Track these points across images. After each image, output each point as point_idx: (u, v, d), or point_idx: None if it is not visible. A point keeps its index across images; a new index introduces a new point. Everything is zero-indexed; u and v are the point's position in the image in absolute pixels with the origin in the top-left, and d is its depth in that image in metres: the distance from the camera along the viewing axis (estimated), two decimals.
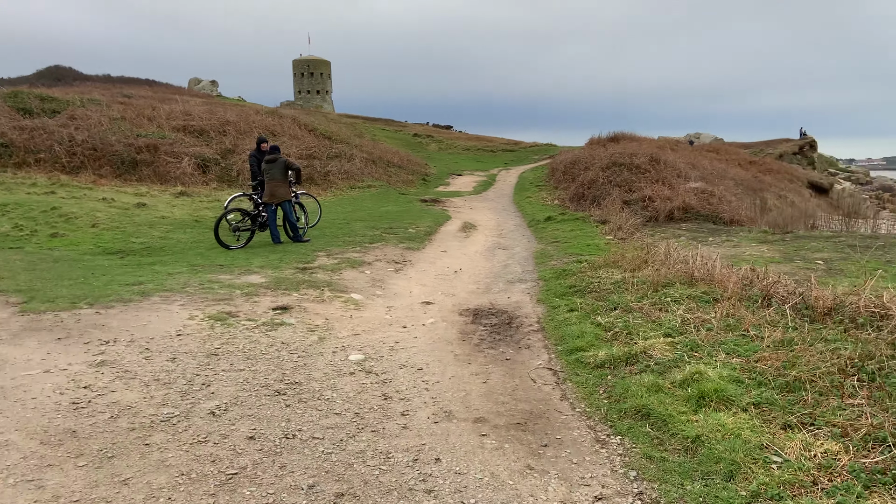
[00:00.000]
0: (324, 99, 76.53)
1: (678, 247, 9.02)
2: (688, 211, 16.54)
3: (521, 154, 47.10)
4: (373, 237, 12.69)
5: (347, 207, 18.74)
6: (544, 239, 13.21)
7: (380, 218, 15.95)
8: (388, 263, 10.45)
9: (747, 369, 4.67)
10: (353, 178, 24.89)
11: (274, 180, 12.18)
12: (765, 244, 11.30)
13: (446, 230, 14.59)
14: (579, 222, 14.65)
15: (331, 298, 8.00)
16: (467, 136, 58.17)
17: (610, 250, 10.11)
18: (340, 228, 13.87)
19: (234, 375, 5.31)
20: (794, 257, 9.85)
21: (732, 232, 13.50)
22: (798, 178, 40.50)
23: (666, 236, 12.72)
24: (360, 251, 11.22)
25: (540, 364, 5.72)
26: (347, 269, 9.72)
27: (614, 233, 12.65)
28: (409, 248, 11.93)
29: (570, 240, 12.45)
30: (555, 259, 10.65)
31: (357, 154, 28.04)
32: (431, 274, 10.01)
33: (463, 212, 18.76)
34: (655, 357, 5.16)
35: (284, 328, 6.62)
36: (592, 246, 11.45)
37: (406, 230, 13.88)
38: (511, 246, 12.75)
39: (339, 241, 12.14)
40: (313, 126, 30.78)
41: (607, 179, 19.05)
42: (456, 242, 13.13)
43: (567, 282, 8.55)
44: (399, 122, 66.27)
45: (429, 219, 16.02)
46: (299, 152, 25.73)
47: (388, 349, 6.17)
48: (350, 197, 22.00)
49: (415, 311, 7.75)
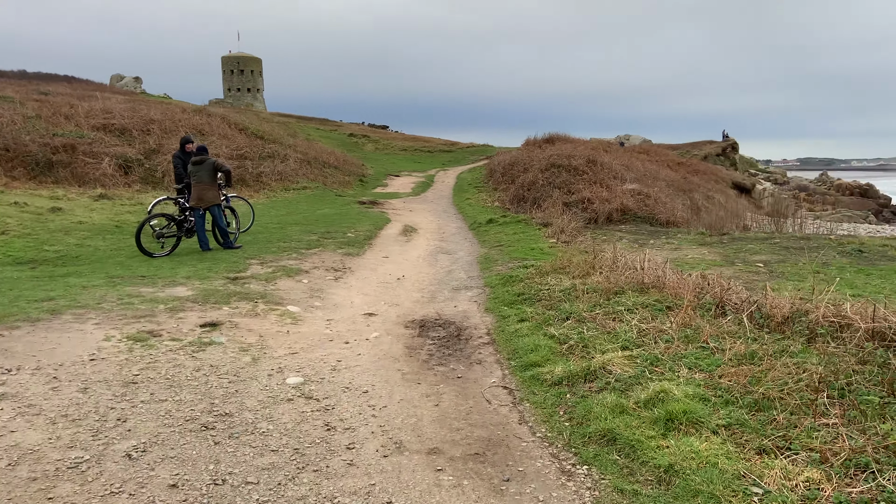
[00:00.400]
0: (255, 97, 74.43)
1: (624, 251, 8.86)
2: (626, 213, 16.62)
3: (458, 155, 46.95)
4: (309, 242, 12.08)
5: (282, 210, 17.98)
6: (487, 242, 12.92)
7: (316, 221, 15.31)
8: (326, 271, 9.90)
9: (712, 386, 4.44)
10: (287, 180, 24.03)
11: (202, 183, 11.41)
12: (704, 246, 11.34)
13: (387, 234, 14.10)
14: (521, 225, 14.44)
15: (265, 312, 7.42)
16: (404, 137, 57.64)
17: (556, 255, 9.88)
18: (275, 233, 13.18)
19: (155, 408, 4.71)
20: (735, 260, 9.87)
21: (670, 234, 13.57)
22: (723, 178, 41.91)
23: (608, 239, 12.64)
24: (296, 258, 10.61)
25: (494, 382, 5.35)
26: (283, 279, 9.12)
27: (557, 236, 12.48)
28: (348, 253, 11.39)
29: (513, 243, 12.19)
30: (500, 264, 10.35)
31: (291, 154, 27.13)
32: (373, 282, 9.52)
33: (403, 214, 18.30)
34: (615, 373, 4.88)
35: (213, 348, 6.01)
36: (536, 250, 11.22)
37: (345, 234, 13.33)
38: (454, 250, 12.39)
39: (274, 248, 11.48)
40: (244, 125, 29.62)
41: (547, 181, 18.98)
42: (397, 247, 12.67)
43: (514, 289, 8.24)
44: (334, 121, 65.10)
45: (368, 222, 15.49)
46: (229, 152, 24.66)
47: (330, 369, 5.67)
48: (284, 199, 21.17)
49: (357, 324, 7.26)
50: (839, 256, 9.70)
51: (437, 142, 54.71)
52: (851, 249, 9.98)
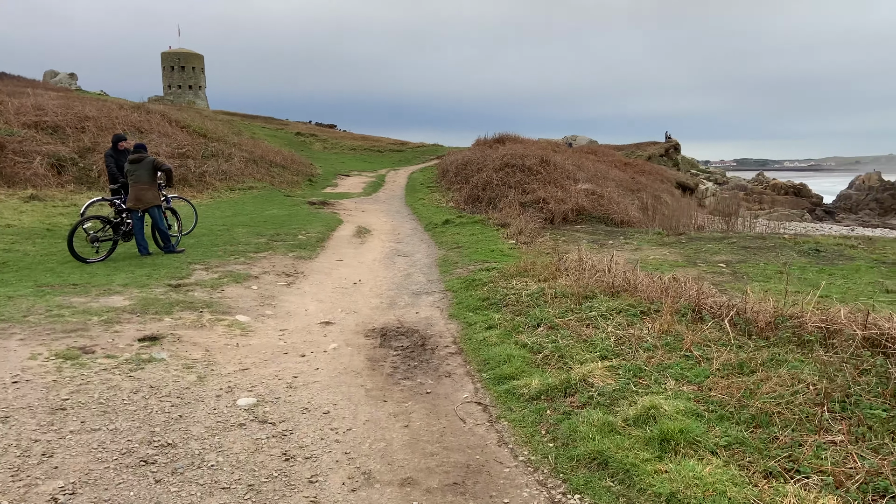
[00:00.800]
0: (197, 94, 72.12)
1: (589, 252, 8.58)
2: (581, 213, 16.49)
3: (408, 154, 46.42)
4: (258, 245, 11.42)
5: (227, 211, 17.15)
6: (445, 244, 12.51)
7: (265, 223, 14.60)
8: (277, 276, 9.30)
9: (703, 399, 4.14)
10: (232, 179, 23.07)
11: (140, 183, 10.61)
12: (664, 247, 11.22)
13: (340, 236, 13.53)
14: (478, 226, 14.09)
15: (212, 323, 6.81)
16: (353, 136, 56.71)
17: (520, 257, 9.54)
18: (220, 236, 12.45)
19: (87, 439, 4.11)
20: (696, 260, 9.75)
21: (628, 234, 13.45)
22: (668, 178, 42.71)
23: (567, 239, 12.41)
24: (244, 262, 9.96)
25: (466, 398, 4.94)
26: (231, 285, 8.49)
27: (516, 237, 12.17)
28: (300, 257, 10.79)
29: (472, 245, 11.82)
30: (460, 267, 9.95)
31: (236, 153, 26.12)
32: (328, 287, 8.98)
33: (355, 215, 17.72)
34: (597, 386, 4.53)
35: (153, 366, 5.40)
36: (496, 251, 10.87)
37: (295, 237, 12.70)
38: (411, 252, 11.93)
39: (220, 251, 10.78)
40: (186, 123, 28.39)
41: (501, 181, 18.71)
42: (351, 249, 12.12)
43: (478, 293, 7.85)
44: (280, 119, 63.60)
45: (319, 223, 14.87)
46: (170, 151, 23.53)
47: (286, 387, 5.15)
48: (230, 200, 20.28)
49: (313, 334, 6.73)
50: (797, 256, 9.69)
51: (386, 141, 54.02)
52: (808, 249, 10.00)
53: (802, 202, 59.26)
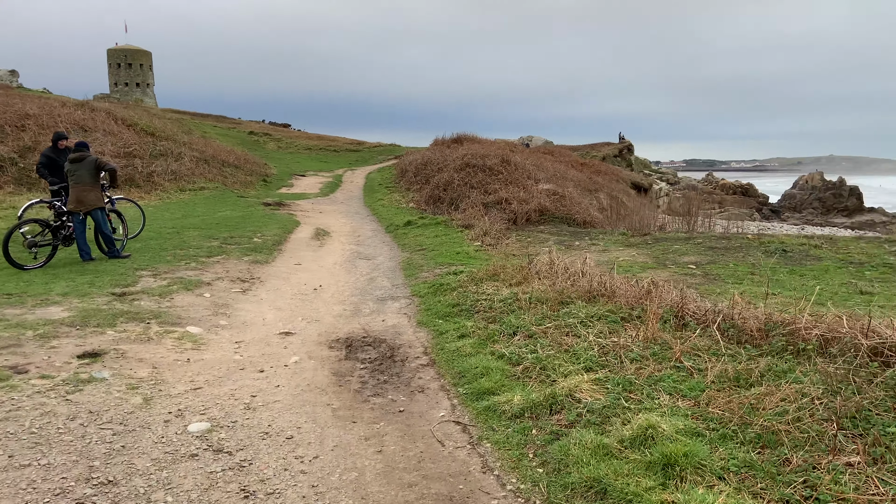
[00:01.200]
0: (144, 92, 69.81)
1: (559, 255, 8.28)
2: (543, 213, 16.27)
3: (365, 154, 45.71)
4: (210, 249, 10.78)
5: (177, 213, 16.34)
6: (408, 246, 12.07)
7: (217, 225, 13.90)
8: (232, 282, 8.72)
9: (702, 416, 3.83)
10: (182, 180, 22.12)
11: (81, 184, 9.86)
12: (631, 248, 11.03)
13: (297, 238, 12.95)
14: (442, 227, 13.69)
15: (160, 335, 6.23)
16: (308, 136, 55.60)
17: (488, 260, 9.18)
18: (169, 239, 11.73)
19: (15, 477, 3.55)
20: (666, 262, 9.57)
21: (592, 234, 13.25)
22: (623, 178, 43.15)
23: (533, 241, 12.13)
24: (195, 268, 9.33)
25: (443, 416, 4.53)
26: (181, 293, 7.89)
27: (481, 238, 11.82)
28: (256, 261, 10.20)
29: (436, 247, 11.41)
30: (425, 270, 9.53)
31: (186, 152, 25.10)
32: (287, 294, 8.45)
33: (312, 216, 17.11)
34: (585, 402, 4.18)
35: (94, 387, 4.83)
36: (462, 254, 10.50)
37: (250, 240, 12.07)
38: (373, 255, 11.46)
39: (169, 256, 10.11)
40: (133, 121, 27.18)
41: (463, 181, 18.36)
42: (310, 252, 11.58)
43: (448, 299, 7.45)
44: (232, 118, 61.98)
45: (275, 225, 14.24)
46: (116, 150, 22.45)
47: (244, 408, 4.65)
48: (180, 201, 19.39)
49: (272, 347, 6.22)
50: (765, 256, 9.60)
51: (343, 141, 53.13)
52: (775, 249, 9.94)
53: (750, 201, 60.81)
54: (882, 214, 64.63)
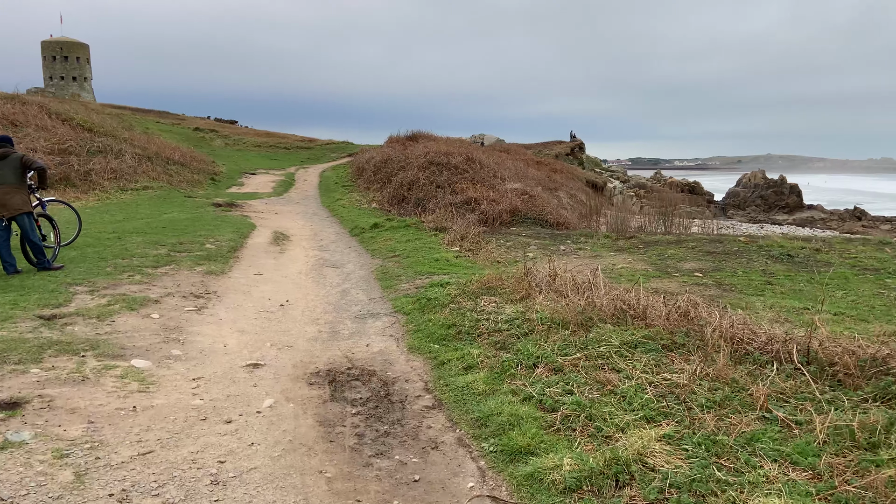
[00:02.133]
0: (82, 87, 66.22)
1: (559, 263, 7.37)
2: (515, 214, 15.40)
3: (317, 152, 44.09)
4: (158, 258, 9.45)
5: (118, 216, 14.79)
6: (378, 252, 10.97)
7: (164, 229, 12.49)
8: (184, 299, 7.48)
9: (834, 499, 2.90)
10: (123, 178, 20.38)
11: (5, 185, 8.42)
12: (623, 253, 10.22)
13: (255, 243, 11.69)
14: (412, 230, 12.63)
15: (98, 373, 5.01)
16: (257, 132, 53.41)
17: (473, 269, 8.17)
18: (110, 247, 10.32)
19: None
20: (667, 269, 8.79)
21: (574, 237, 12.43)
22: (578, 177, 42.89)
23: (512, 245, 11.21)
24: (140, 281, 8.03)
25: (473, 488, 3.49)
26: (124, 314, 6.63)
27: (458, 243, 10.83)
28: (210, 272, 8.95)
29: (411, 253, 10.36)
30: (404, 280, 8.49)
31: (128, 149, 23.25)
32: (250, 311, 7.27)
33: (268, 218, 15.79)
34: (662, 470, 3.24)
35: (8, 458, 3.62)
36: (442, 261, 9.48)
37: (202, 246, 10.76)
38: (341, 262, 10.33)
39: (109, 267, 8.76)
40: (69, 115, 25.08)
41: (428, 180, 17.32)
42: (271, 260, 10.36)
43: (440, 318, 6.43)
44: (176, 114, 59.16)
45: (229, 229, 12.91)
46: (50, 147, 20.53)
47: (210, 482, 3.53)
48: (121, 202, 17.74)
49: (239, 384, 5.08)
50: (770, 262, 8.93)
51: (293, 138, 51.23)
52: (779, 254, 9.28)
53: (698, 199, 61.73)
54: (821, 211, 66.72)
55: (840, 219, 61.01)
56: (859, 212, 61.52)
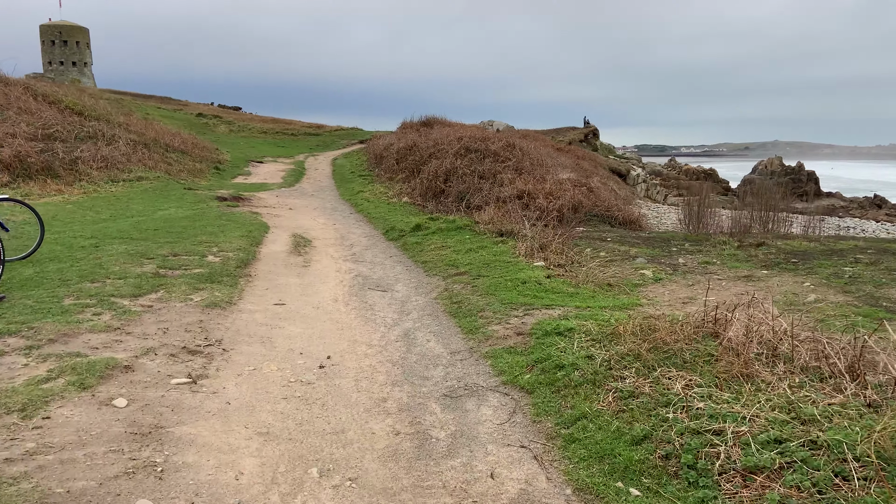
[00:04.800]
0: (82, 72, 63.07)
1: (698, 285, 4.60)
2: (577, 210, 12.63)
3: (326, 138, 41.15)
4: (141, 281, 6.69)
5: (104, 213, 12.02)
6: (433, 266, 8.19)
7: (156, 233, 9.73)
8: (171, 359, 4.73)
9: None
10: (115, 168, 17.56)
11: None
12: (782, 272, 7.37)
13: (270, 253, 8.92)
14: (467, 234, 9.85)
15: None
16: (262, 119, 50.35)
17: (577, 293, 5.34)
18: (80, 261, 7.55)
19: None
20: (881, 302, 5.99)
21: (675, 242, 9.64)
22: (600, 164, 40.03)
23: (609, 256, 8.43)
24: (108, 327, 5.27)
25: None
26: (68, 398, 3.89)
27: (541, 255, 8.04)
28: (213, 303, 6.19)
29: (481, 270, 7.58)
30: (492, 317, 5.73)
31: (122, 135, 20.42)
32: (274, 382, 4.52)
33: (282, 215, 13.01)
34: None
35: None
36: (532, 283, 6.71)
37: (203, 258, 8.00)
38: (387, 282, 7.57)
39: (69, 298, 6.00)
40: (57, 97, 22.22)
41: (468, 170, 14.49)
42: (294, 278, 7.60)
43: (604, 412, 3.68)
44: (178, 100, 56.10)
45: (237, 231, 10.15)
46: (32, 132, 17.69)
47: None
48: (110, 195, 14.93)
49: None
50: None
51: (300, 124, 48.21)
52: None
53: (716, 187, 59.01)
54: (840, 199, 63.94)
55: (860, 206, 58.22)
56: (879, 199, 58.81)
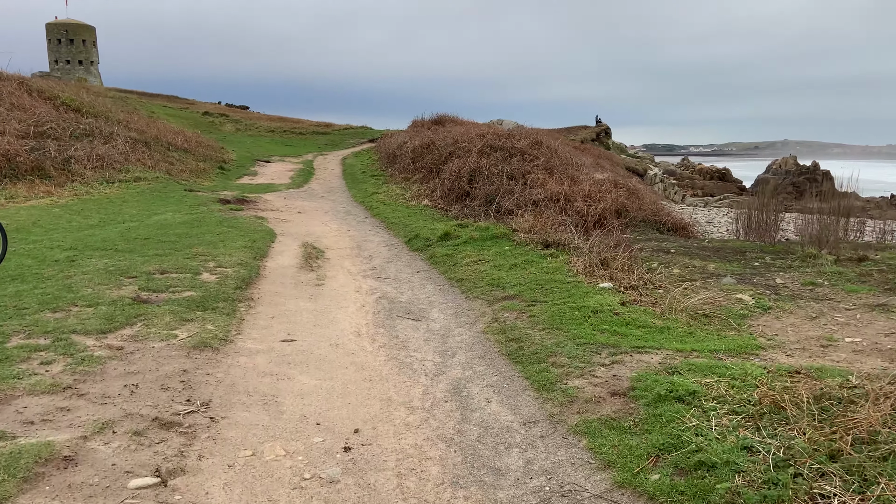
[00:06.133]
0: (88, 70, 61.94)
1: (829, 321, 3.12)
2: (621, 215, 11.15)
3: (334, 137, 39.72)
4: (114, 310, 5.25)
5: (93, 218, 10.64)
6: (472, 285, 6.72)
7: (146, 243, 8.32)
8: (136, 439, 3.30)
9: None
10: (111, 167, 16.18)
11: None
12: None
13: (277, 267, 7.49)
14: (506, 245, 8.38)
15: None
16: (270, 117, 48.94)
17: (670, 330, 3.85)
18: (46, 281, 6.13)
19: None
20: None
21: (750, 256, 8.15)
22: (617, 163, 38.50)
23: (683, 272, 6.94)
24: (54, 385, 3.84)
25: None
26: None
27: (601, 271, 6.57)
28: (202, 341, 4.75)
29: (535, 292, 6.11)
30: (565, 363, 4.28)
31: (121, 133, 19.05)
32: (279, 476, 3.07)
33: (290, 220, 11.59)
34: None
35: None
36: (607, 314, 5.24)
37: (196, 275, 6.57)
38: (418, 305, 6.11)
39: (19, 336, 4.58)
40: (53, 93, 20.90)
41: (495, 169, 13.01)
42: (305, 302, 6.16)
43: None
44: (185, 98, 54.78)
45: (239, 240, 8.73)
46: (23, 129, 16.33)
47: None
48: (103, 197, 13.54)
49: None
50: None
51: (308, 123, 46.80)
52: None
53: (730, 187, 57.34)
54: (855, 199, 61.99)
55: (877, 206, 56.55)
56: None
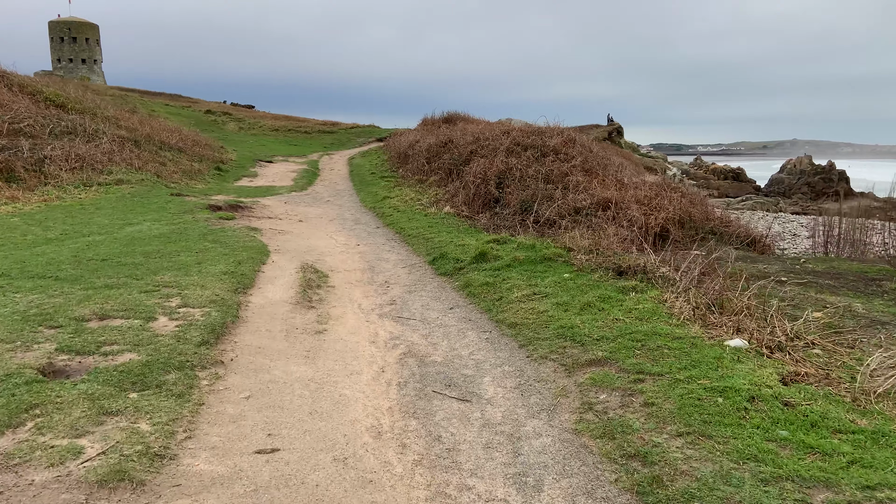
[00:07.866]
0: (91, 69, 60.25)
1: None
2: (684, 225, 9.17)
3: (341, 136, 37.78)
4: (17, 396, 3.35)
5: (55, 229, 8.74)
6: (530, 336, 4.75)
7: (100, 266, 6.39)
8: None
9: None
10: (91, 168, 14.28)
11: None
12: None
13: (263, 303, 5.53)
14: (563, 270, 6.39)
15: None
16: (274, 116, 47.00)
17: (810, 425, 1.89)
18: None
19: None
20: None
21: (879, 282, 6.17)
22: (636, 162, 36.48)
23: (832, 319, 4.96)
24: None
25: None
26: None
27: (716, 318, 4.60)
28: (117, 468, 2.83)
29: (637, 356, 4.17)
30: None
31: (108, 130, 17.17)
32: None
33: (290, 231, 9.65)
34: None
35: None
36: (770, 402, 3.29)
37: (148, 321, 4.64)
38: (462, 372, 4.16)
39: None
40: (37, 88, 19.04)
41: (527, 172, 11.02)
42: (299, 366, 4.22)
43: None
44: (188, 97, 52.91)
45: (221, 261, 6.80)
46: None
47: None
48: (76, 203, 11.64)
49: None
50: None
51: (314, 122, 44.85)
52: None
53: (745, 187, 55.27)
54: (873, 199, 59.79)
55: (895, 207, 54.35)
56: None
